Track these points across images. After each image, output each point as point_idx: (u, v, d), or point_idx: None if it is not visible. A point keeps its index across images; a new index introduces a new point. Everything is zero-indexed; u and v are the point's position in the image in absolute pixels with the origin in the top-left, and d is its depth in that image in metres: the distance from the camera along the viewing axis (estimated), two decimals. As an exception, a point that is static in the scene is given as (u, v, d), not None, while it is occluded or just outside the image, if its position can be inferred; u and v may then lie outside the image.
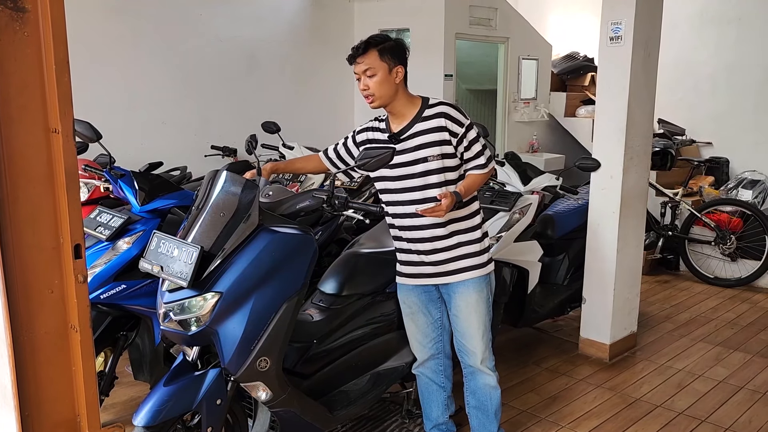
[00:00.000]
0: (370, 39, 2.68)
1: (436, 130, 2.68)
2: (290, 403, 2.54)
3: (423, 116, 2.71)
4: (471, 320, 2.82)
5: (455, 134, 2.68)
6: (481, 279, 2.81)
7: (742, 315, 5.04)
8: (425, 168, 2.70)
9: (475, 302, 2.80)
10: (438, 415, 3.07)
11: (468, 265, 2.78)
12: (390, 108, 2.74)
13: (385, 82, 2.65)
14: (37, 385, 1.33)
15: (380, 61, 2.64)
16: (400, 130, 2.73)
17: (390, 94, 2.68)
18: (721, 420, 3.43)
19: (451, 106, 2.73)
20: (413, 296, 2.91)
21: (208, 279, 2.29)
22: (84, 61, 4.96)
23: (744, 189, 6.36)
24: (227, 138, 5.79)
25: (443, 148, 2.69)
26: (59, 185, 1.31)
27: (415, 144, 2.70)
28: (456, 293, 2.82)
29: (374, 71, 2.64)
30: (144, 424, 2.22)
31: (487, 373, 2.90)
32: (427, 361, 3.00)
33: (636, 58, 3.86)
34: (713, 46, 7.08)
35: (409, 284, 2.90)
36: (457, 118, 2.70)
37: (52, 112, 1.28)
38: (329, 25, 6.83)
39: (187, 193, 3.30)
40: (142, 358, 3.17)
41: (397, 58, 2.67)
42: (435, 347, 2.97)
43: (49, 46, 1.26)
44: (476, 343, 2.85)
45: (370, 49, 2.65)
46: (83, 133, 3.15)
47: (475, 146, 2.74)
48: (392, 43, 2.68)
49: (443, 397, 3.05)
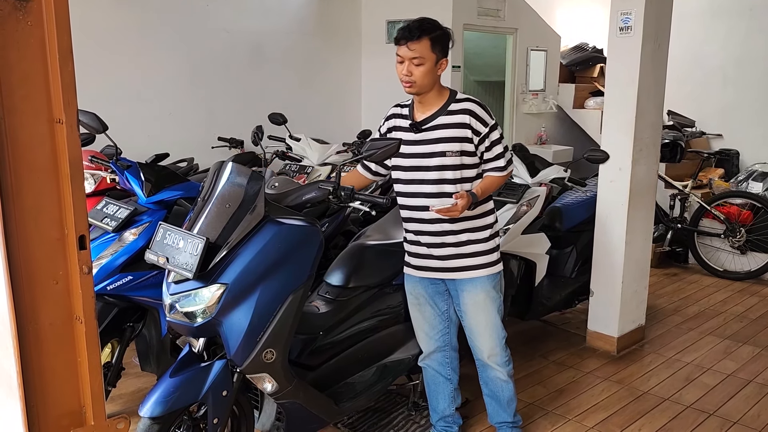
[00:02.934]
0: (425, 25, 2.60)
1: (459, 126, 2.64)
2: (296, 395, 2.54)
3: (448, 110, 2.67)
4: (479, 319, 2.81)
5: (478, 133, 2.65)
6: (489, 278, 2.79)
7: (752, 308, 5.01)
8: (441, 162, 2.66)
9: (483, 301, 2.79)
10: (444, 408, 3.07)
11: (476, 263, 2.76)
12: (421, 97, 2.70)
13: (429, 73, 2.61)
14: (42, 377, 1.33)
15: (431, 52, 2.59)
16: (423, 120, 2.70)
17: (430, 84, 2.64)
18: (730, 414, 3.41)
19: (478, 104, 2.68)
20: (420, 288, 2.90)
21: (214, 270, 2.29)
22: (91, 52, 4.96)
23: (754, 181, 6.31)
24: (234, 129, 5.78)
25: (463, 145, 2.65)
26: (63, 176, 1.30)
27: (435, 136, 2.67)
28: (463, 290, 2.80)
29: (422, 61, 2.58)
30: (150, 415, 2.23)
31: (496, 368, 2.90)
32: (434, 354, 2.99)
33: (646, 49, 3.82)
34: (723, 37, 7.01)
35: (416, 275, 2.88)
36: (482, 117, 2.66)
37: (56, 103, 1.27)
38: (336, 17, 6.80)
39: (194, 184, 3.30)
40: (149, 350, 3.18)
41: (445, 51, 2.63)
42: (442, 339, 2.96)
43: (52, 36, 1.25)
44: (483, 340, 2.84)
45: (423, 36, 2.57)
46: (89, 124, 3.15)
47: (497, 147, 2.70)
48: (443, 33, 2.63)
49: (450, 389, 3.05)
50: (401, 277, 3.05)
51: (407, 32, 2.60)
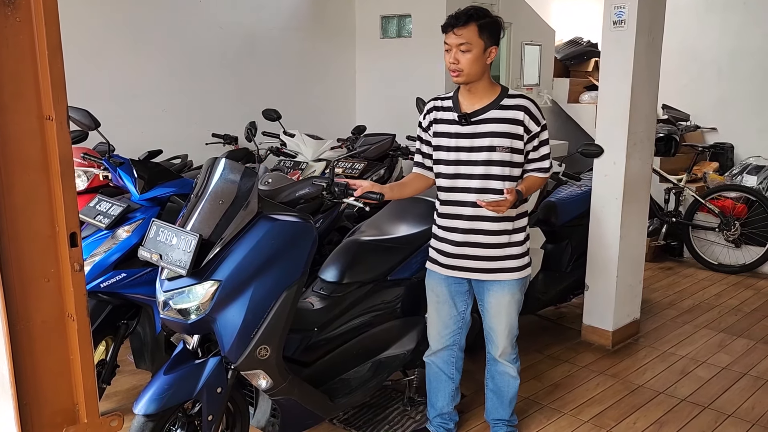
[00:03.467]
0: (472, 11, 2.54)
1: (512, 122, 2.60)
2: (291, 392, 2.54)
3: (501, 104, 2.62)
4: (500, 318, 2.80)
5: (529, 131, 2.62)
6: (518, 281, 2.77)
7: (746, 301, 5.03)
8: (489, 157, 2.61)
9: (507, 303, 2.77)
10: (443, 405, 3.05)
11: (507, 266, 2.73)
12: (471, 87, 2.63)
13: (477, 60, 2.55)
14: (35, 375, 1.33)
15: (478, 38, 2.53)
16: (473, 112, 2.64)
17: (478, 73, 2.58)
18: (724, 406, 3.42)
19: (533, 102, 2.65)
20: (443, 286, 2.84)
21: (207, 267, 2.28)
22: (83, 48, 4.93)
23: (749, 175, 6.33)
24: (228, 126, 5.76)
25: (513, 142, 2.61)
26: (54, 173, 1.29)
27: (485, 130, 2.62)
28: (490, 290, 2.77)
29: (469, 47, 2.53)
30: (144, 412, 2.23)
31: (506, 364, 2.91)
32: (441, 351, 2.96)
33: (639, 43, 3.82)
34: (718, 31, 7.02)
35: (441, 273, 2.83)
36: (536, 116, 2.63)
37: (45, 99, 1.27)
38: (330, 12, 6.78)
39: (187, 181, 3.29)
40: (143, 347, 3.17)
41: (494, 38, 2.57)
42: (452, 339, 2.93)
43: (41, 32, 1.24)
44: (500, 338, 2.84)
45: (470, 22, 2.52)
46: (82, 121, 3.14)
47: (544, 148, 2.69)
48: (492, 20, 2.57)
49: (451, 388, 3.02)
50: (396, 272, 3.05)
51: (454, 19, 2.55)
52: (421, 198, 3.36)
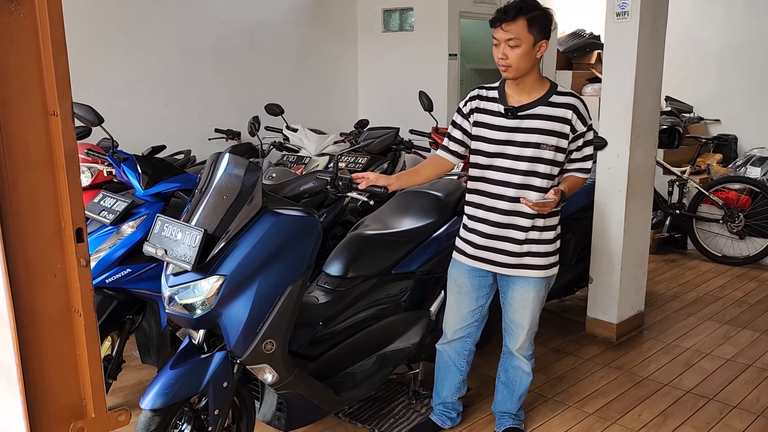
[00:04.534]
0: (521, 5, 2.47)
1: (560, 121, 2.55)
2: (296, 386, 2.55)
3: (549, 101, 2.57)
4: (523, 313, 2.80)
5: (575, 131, 2.57)
6: (544, 279, 2.76)
7: (750, 293, 5.02)
8: (535, 154, 2.56)
9: (531, 299, 2.76)
10: (447, 395, 3.06)
11: (535, 263, 2.71)
12: (520, 81, 2.57)
13: (527, 55, 2.48)
14: (42, 370, 1.33)
15: (527, 33, 2.46)
16: (521, 106, 2.58)
17: (528, 68, 2.52)
18: (729, 398, 3.43)
19: (582, 101, 2.60)
20: (466, 277, 2.82)
21: (212, 262, 2.28)
22: (86, 44, 4.93)
23: (752, 166, 6.31)
24: (231, 121, 5.77)
25: (560, 141, 2.56)
26: (59, 168, 1.29)
27: (532, 126, 2.56)
28: (515, 286, 2.76)
29: (519, 42, 2.46)
30: (151, 407, 2.23)
31: (521, 359, 2.92)
32: (455, 342, 2.96)
33: (643, 35, 3.80)
34: (721, 22, 6.99)
35: (467, 264, 2.80)
36: (584, 116, 2.59)
37: (50, 95, 1.27)
38: (332, 6, 6.77)
39: (191, 176, 3.29)
40: (149, 342, 3.18)
41: (544, 32, 2.50)
42: (467, 331, 2.93)
43: (45, 28, 1.24)
44: (520, 332, 2.84)
45: (519, 17, 2.45)
46: (85, 117, 3.15)
47: (587, 149, 2.65)
48: (542, 13, 2.50)
49: (458, 379, 3.03)
50: (400, 266, 3.05)
51: (502, 13, 2.47)
52: (426, 191, 3.36)
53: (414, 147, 5.20)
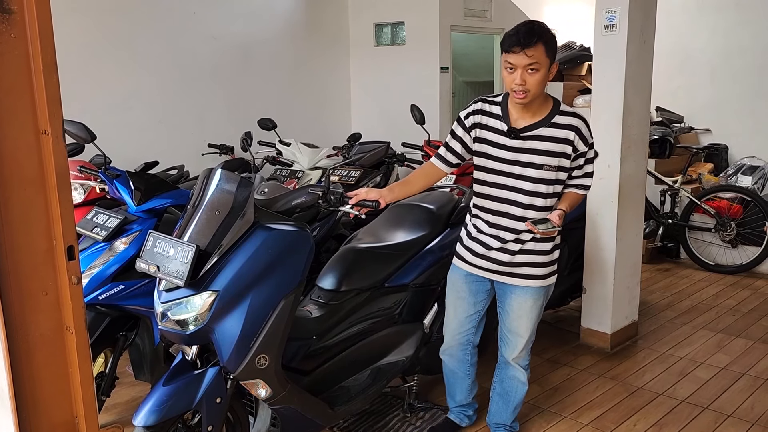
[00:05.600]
0: (537, 29, 2.42)
1: (562, 142, 2.56)
2: (290, 400, 2.54)
3: (552, 122, 2.56)
4: (520, 322, 2.82)
5: (577, 150, 2.59)
6: (542, 288, 2.79)
7: (744, 301, 5.04)
8: (538, 175, 2.58)
9: (529, 308, 2.79)
10: (462, 399, 3.14)
11: (532, 273, 2.74)
12: (530, 103, 2.53)
13: (544, 80, 2.47)
14: (34, 388, 1.33)
15: (545, 57, 2.43)
16: (524, 128, 2.57)
17: (540, 91, 2.50)
18: (724, 407, 3.43)
19: (584, 122, 2.61)
20: (464, 283, 2.87)
21: (205, 278, 2.29)
22: (78, 61, 4.95)
23: (743, 175, 6.35)
24: (224, 136, 5.79)
25: (561, 161, 2.58)
26: (51, 187, 1.30)
27: (534, 147, 2.57)
28: (512, 294, 2.79)
29: (539, 67, 2.42)
30: (144, 424, 2.22)
31: (518, 368, 2.93)
32: (455, 349, 3.00)
33: (631, 46, 3.84)
34: (710, 32, 7.05)
35: (464, 270, 2.85)
36: (585, 136, 2.60)
37: (41, 114, 1.28)
38: (324, 20, 6.81)
39: (183, 192, 3.30)
40: (143, 358, 3.17)
41: (555, 54, 2.50)
42: (465, 337, 2.97)
43: (36, 48, 1.25)
44: (517, 341, 2.86)
45: (539, 42, 2.40)
46: (77, 134, 3.15)
47: (588, 166, 2.68)
48: (553, 36, 2.48)
49: (467, 383, 3.10)
50: (394, 279, 3.06)
51: (522, 38, 2.40)
52: (418, 204, 3.37)
53: (406, 160, 5.22)
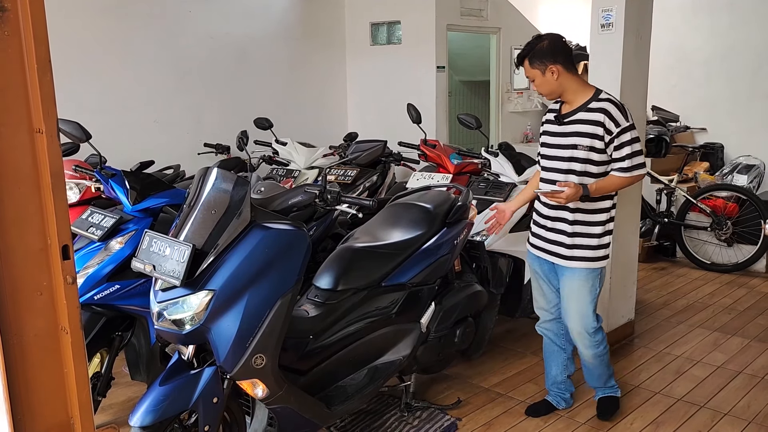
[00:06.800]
0: (523, 50, 2.92)
1: (593, 124, 2.85)
2: (287, 400, 2.53)
3: (588, 107, 2.89)
4: (570, 304, 3.06)
5: (609, 132, 2.83)
6: (587, 271, 3.00)
7: (739, 300, 5.05)
8: (572, 155, 2.91)
9: (577, 289, 3.02)
10: (557, 374, 3.34)
11: (580, 255, 2.99)
12: (562, 96, 2.96)
13: (543, 84, 2.90)
14: (29, 388, 1.32)
15: (532, 69, 2.89)
16: (566, 113, 2.96)
17: (554, 89, 2.91)
18: (720, 405, 3.44)
19: (616, 105, 2.87)
20: (537, 264, 3.19)
21: (201, 277, 2.28)
22: (74, 60, 4.93)
23: (739, 174, 6.37)
24: (220, 135, 5.77)
25: (594, 142, 2.86)
26: (45, 186, 1.29)
27: (571, 130, 2.92)
28: (563, 275, 3.07)
29: (532, 77, 2.93)
30: (140, 424, 2.22)
31: (581, 347, 3.15)
32: (549, 323, 3.27)
33: (628, 45, 3.84)
34: (706, 31, 7.07)
35: (533, 253, 3.18)
36: (615, 118, 2.84)
37: (35, 113, 1.27)
38: (320, 20, 6.80)
39: (179, 191, 3.29)
40: (139, 358, 3.16)
41: (548, 58, 2.85)
42: (556, 311, 3.21)
43: (30, 46, 1.24)
44: (571, 320, 3.09)
45: (523, 61, 2.93)
46: (72, 133, 3.14)
47: (625, 149, 2.86)
48: (540, 47, 2.86)
49: (563, 357, 3.31)
50: (390, 278, 3.06)
51: (516, 60, 3.06)
52: (415, 203, 3.37)
53: (403, 159, 5.21)
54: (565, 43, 2.94)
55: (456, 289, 3.40)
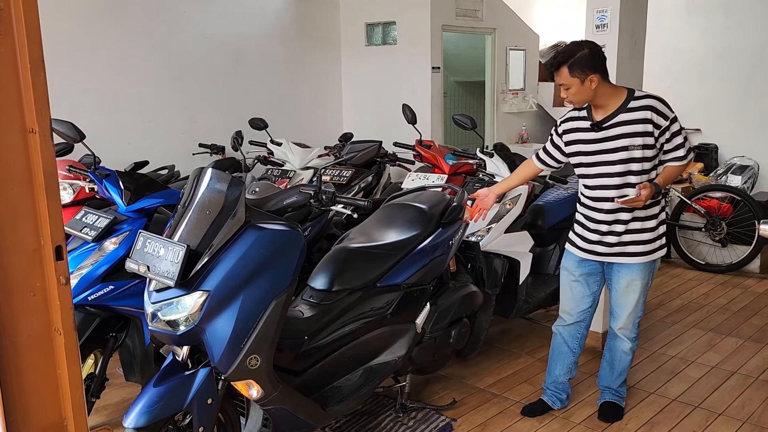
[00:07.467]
0: (559, 56, 2.85)
1: (641, 122, 2.86)
2: (282, 401, 2.53)
3: (628, 107, 2.89)
4: (627, 297, 3.10)
5: (659, 126, 2.86)
6: (647, 264, 3.05)
7: (734, 300, 5.06)
8: (627, 156, 2.89)
9: (636, 284, 3.06)
10: (559, 374, 3.37)
11: (636, 251, 3.01)
12: (592, 102, 2.94)
13: (579, 92, 2.86)
14: (22, 389, 1.31)
15: (571, 77, 2.83)
16: (604, 119, 2.93)
17: (588, 98, 2.89)
18: (715, 405, 3.44)
19: (658, 100, 2.90)
20: (578, 267, 3.17)
21: (196, 278, 2.27)
22: (68, 60, 4.91)
23: (733, 175, 6.38)
24: (215, 135, 5.76)
25: (645, 139, 2.87)
26: (38, 186, 1.29)
27: (618, 133, 2.90)
28: (618, 272, 3.09)
29: (568, 85, 2.86)
30: (134, 425, 2.21)
31: (623, 339, 3.20)
32: (570, 326, 3.27)
33: (622, 46, 3.85)
34: (700, 32, 7.09)
35: (577, 256, 3.16)
36: (662, 112, 2.86)
37: (28, 112, 1.26)
38: (315, 20, 6.80)
39: (174, 191, 3.28)
40: (133, 359, 3.15)
41: (589, 68, 2.81)
42: (581, 316, 3.24)
43: (23, 46, 1.24)
44: (623, 315, 3.14)
45: (561, 67, 2.84)
46: (66, 133, 3.13)
47: (677, 138, 2.90)
48: (582, 55, 2.81)
49: (570, 360, 3.34)
50: (385, 279, 3.05)
51: (549, 65, 2.95)
52: (410, 204, 3.36)
53: (398, 159, 5.21)
54: (602, 52, 2.90)
55: (451, 290, 3.39)
